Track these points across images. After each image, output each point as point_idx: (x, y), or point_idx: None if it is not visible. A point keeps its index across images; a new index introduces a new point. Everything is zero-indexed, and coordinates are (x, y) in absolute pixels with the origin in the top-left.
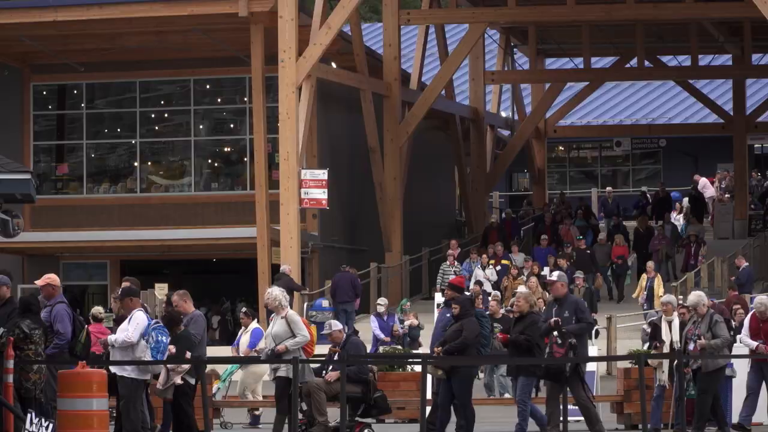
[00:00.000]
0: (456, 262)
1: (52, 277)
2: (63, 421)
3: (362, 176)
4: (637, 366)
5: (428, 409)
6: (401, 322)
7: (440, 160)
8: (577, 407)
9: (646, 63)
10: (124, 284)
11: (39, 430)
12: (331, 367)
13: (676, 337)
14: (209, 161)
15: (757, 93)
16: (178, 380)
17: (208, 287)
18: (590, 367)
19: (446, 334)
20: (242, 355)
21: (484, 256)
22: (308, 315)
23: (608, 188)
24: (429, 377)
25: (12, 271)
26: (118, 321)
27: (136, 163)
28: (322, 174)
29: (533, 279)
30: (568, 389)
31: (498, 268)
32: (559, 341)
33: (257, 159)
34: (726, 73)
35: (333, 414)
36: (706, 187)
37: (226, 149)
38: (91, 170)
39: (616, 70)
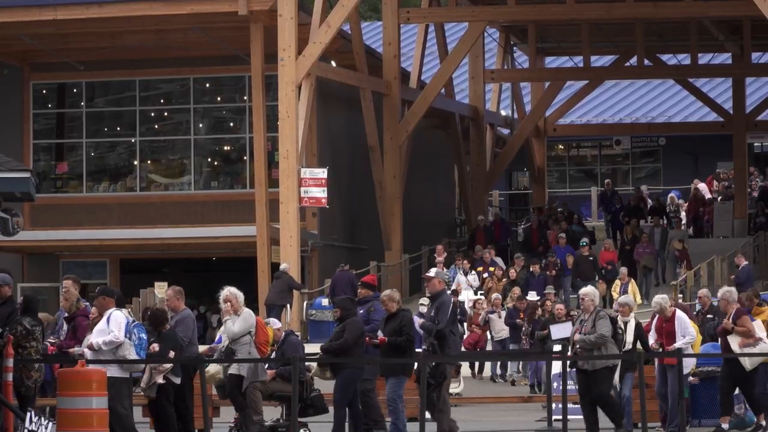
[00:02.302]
0: (444, 269)
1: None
2: (62, 420)
3: (362, 175)
4: None
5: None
6: None
7: (440, 158)
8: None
9: (646, 61)
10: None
11: (38, 428)
12: (267, 366)
13: (630, 338)
14: (209, 160)
15: (756, 91)
16: (160, 380)
17: (207, 286)
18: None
19: (332, 335)
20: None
21: (465, 261)
22: (308, 314)
23: (607, 180)
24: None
25: (11, 269)
26: (69, 320)
27: (135, 162)
28: (322, 173)
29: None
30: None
31: (486, 275)
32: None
33: (257, 157)
34: (726, 72)
35: (269, 413)
36: (705, 192)
37: (225, 148)
38: (91, 169)
39: (616, 69)
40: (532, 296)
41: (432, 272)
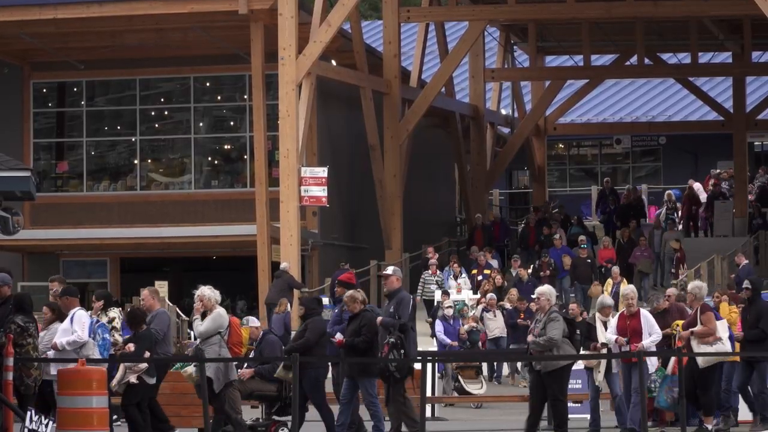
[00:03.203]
0: (438, 271)
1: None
2: (63, 419)
3: (362, 174)
4: None
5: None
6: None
7: (440, 157)
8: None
9: (646, 60)
10: (53, 284)
11: (39, 427)
12: (246, 365)
13: (611, 337)
14: (209, 159)
15: (757, 90)
16: (133, 379)
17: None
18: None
19: (294, 335)
20: None
21: (455, 264)
22: None
23: (606, 179)
24: (429, 377)
25: (12, 268)
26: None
27: (136, 161)
28: (322, 171)
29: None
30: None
31: (480, 277)
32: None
33: (257, 156)
34: (726, 71)
35: (248, 412)
36: (700, 192)
37: (226, 147)
38: (91, 168)
39: (616, 68)
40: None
41: (389, 270)
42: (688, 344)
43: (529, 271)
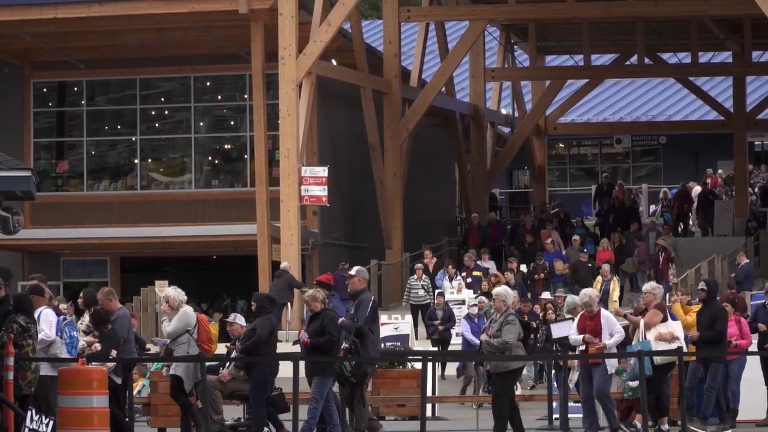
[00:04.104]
0: (424, 276)
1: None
2: (63, 418)
3: (362, 173)
4: None
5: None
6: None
7: (440, 157)
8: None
9: (647, 60)
10: (32, 282)
11: (39, 427)
12: (229, 365)
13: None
14: (209, 158)
15: (757, 90)
16: None
17: (208, 284)
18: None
19: (245, 334)
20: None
21: (450, 267)
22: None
23: (605, 174)
24: (429, 376)
25: (12, 268)
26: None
27: (136, 160)
28: (323, 171)
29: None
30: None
31: (469, 280)
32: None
33: (257, 156)
34: (726, 71)
35: (229, 412)
36: (694, 190)
37: (226, 146)
38: (92, 167)
39: (617, 68)
40: (546, 296)
41: (353, 270)
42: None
43: (523, 269)
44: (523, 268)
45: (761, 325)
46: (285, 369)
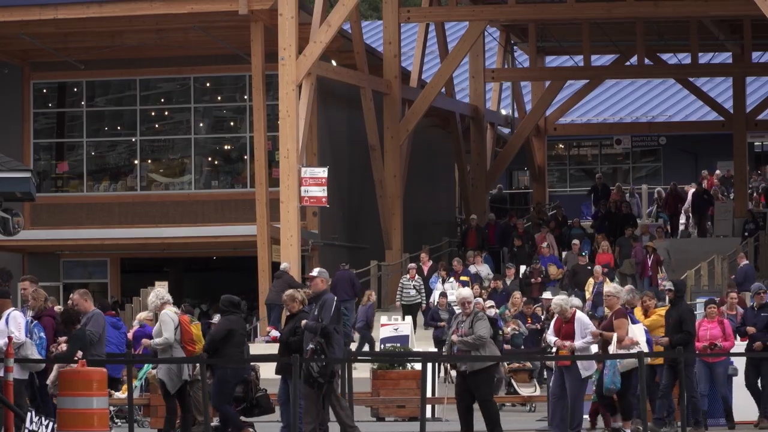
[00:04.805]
0: (417, 276)
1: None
2: (63, 420)
3: (362, 174)
4: None
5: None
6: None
7: (440, 157)
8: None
9: (646, 61)
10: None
11: (39, 428)
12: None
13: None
14: (209, 159)
15: (757, 91)
16: None
17: (208, 285)
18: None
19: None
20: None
21: (442, 270)
22: None
23: (598, 174)
24: (429, 377)
25: (12, 269)
26: (36, 319)
27: (136, 161)
28: (322, 172)
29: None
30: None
31: (457, 283)
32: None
33: (257, 157)
34: (726, 71)
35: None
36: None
37: (226, 147)
38: (91, 168)
39: (616, 68)
40: (548, 296)
41: (314, 272)
42: (605, 345)
43: (521, 271)
44: (523, 268)
45: (750, 328)
46: (267, 371)
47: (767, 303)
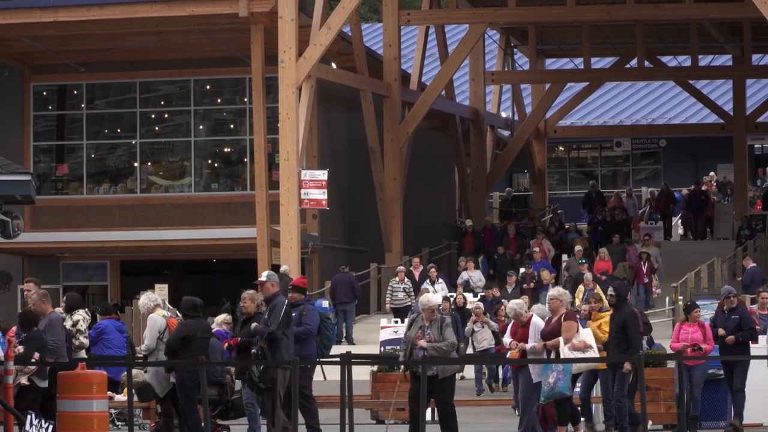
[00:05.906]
0: (406, 278)
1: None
2: (63, 422)
3: (362, 177)
4: None
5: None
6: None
7: (440, 160)
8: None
9: (646, 63)
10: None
11: (39, 431)
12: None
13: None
14: (209, 162)
15: (757, 93)
16: (24, 381)
17: (208, 288)
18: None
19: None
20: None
21: (432, 271)
22: None
23: (592, 182)
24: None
25: (12, 272)
26: None
27: (136, 164)
28: (322, 174)
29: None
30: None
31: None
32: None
33: (257, 159)
34: (726, 74)
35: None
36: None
37: (226, 150)
38: (91, 171)
39: (616, 71)
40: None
41: (263, 276)
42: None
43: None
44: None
45: (721, 330)
46: None
47: (737, 307)
